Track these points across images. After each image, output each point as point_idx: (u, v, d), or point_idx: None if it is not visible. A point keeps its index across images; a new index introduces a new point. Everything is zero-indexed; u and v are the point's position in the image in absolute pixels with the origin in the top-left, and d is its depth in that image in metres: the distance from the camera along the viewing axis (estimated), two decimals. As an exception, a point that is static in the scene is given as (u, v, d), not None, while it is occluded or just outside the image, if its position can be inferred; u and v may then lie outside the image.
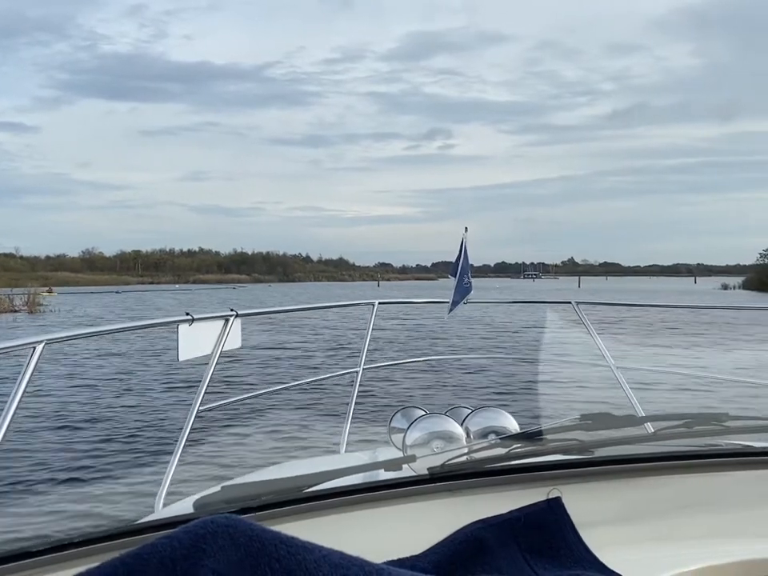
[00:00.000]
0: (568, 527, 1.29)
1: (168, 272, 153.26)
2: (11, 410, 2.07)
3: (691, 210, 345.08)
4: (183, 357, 2.91)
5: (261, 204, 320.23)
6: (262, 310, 4.17)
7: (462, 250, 4.66)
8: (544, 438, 1.54)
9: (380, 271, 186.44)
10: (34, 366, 2.16)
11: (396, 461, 1.42)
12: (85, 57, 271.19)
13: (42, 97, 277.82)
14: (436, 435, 1.72)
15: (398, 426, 2.05)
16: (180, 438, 2.98)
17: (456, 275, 4.55)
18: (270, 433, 9.32)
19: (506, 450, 1.47)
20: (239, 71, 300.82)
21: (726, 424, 1.54)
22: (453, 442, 1.69)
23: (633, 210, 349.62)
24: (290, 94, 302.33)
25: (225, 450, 8.31)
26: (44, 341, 2.19)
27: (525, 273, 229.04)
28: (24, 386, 2.12)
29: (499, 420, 1.87)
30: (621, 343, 14.07)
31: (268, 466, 2.99)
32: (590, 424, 1.51)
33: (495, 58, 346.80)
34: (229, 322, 3.09)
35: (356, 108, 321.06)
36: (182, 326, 2.87)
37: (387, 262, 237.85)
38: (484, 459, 1.44)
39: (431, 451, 1.63)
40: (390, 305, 5.18)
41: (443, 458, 1.40)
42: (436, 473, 1.37)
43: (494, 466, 1.43)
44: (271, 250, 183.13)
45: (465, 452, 1.48)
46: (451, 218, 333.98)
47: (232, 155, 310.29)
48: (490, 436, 1.77)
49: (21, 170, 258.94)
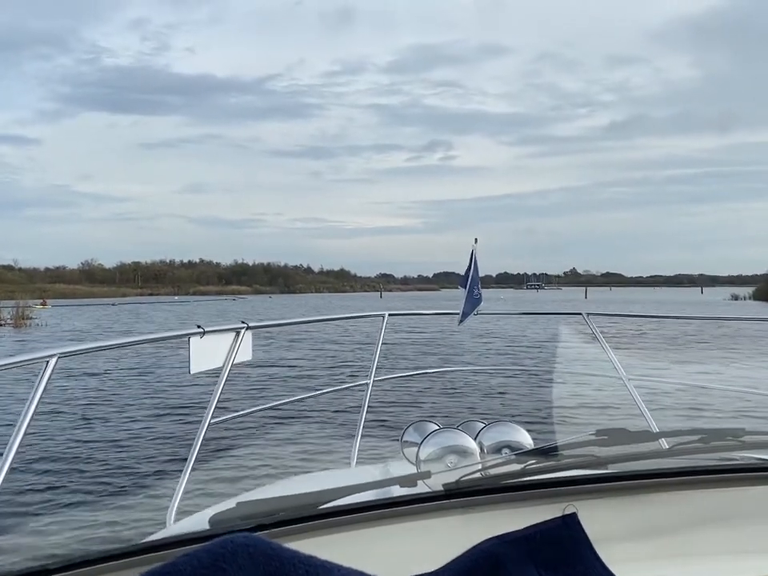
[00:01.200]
0: (584, 543, 1.26)
1: (168, 284, 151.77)
2: (25, 424, 2.04)
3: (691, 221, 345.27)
4: (195, 369, 2.90)
5: (262, 216, 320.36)
6: (273, 322, 4.12)
7: (471, 261, 4.59)
8: (559, 453, 1.51)
9: (382, 282, 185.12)
10: (48, 379, 2.15)
11: (411, 477, 1.41)
12: (87, 70, 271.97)
13: (43, 110, 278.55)
14: (450, 450, 1.74)
15: (410, 439, 2.10)
16: (191, 452, 2.96)
17: (466, 287, 4.50)
18: (280, 446, 9.33)
19: (521, 466, 1.45)
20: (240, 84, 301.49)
21: (742, 439, 1.53)
22: (467, 457, 1.72)
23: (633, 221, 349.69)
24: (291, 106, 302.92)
25: (235, 464, 8.28)
26: (57, 354, 2.18)
27: (528, 283, 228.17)
28: (38, 400, 2.10)
29: (513, 434, 1.85)
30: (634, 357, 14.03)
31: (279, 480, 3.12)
32: (605, 440, 1.50)
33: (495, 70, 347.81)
34: (240, 334, 3.09)
35: (357, 120, 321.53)
36: (193, 339, 2.86)
37: (389, 273, 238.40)
38: (499, 475, 1.44)
39: (445, 466, 1.70)
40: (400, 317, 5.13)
41: (458, 474, 1.40)
42: (451, 489, 1.37)
43: (510, 482, 1.42)
44: (272, 261, 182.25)
45: (480, 468, 1.47)
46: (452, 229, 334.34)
47: (233, 167, 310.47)
48: (504, 451, 1.80)
49: (22, 183, 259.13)
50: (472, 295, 4.54)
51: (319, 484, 1.77)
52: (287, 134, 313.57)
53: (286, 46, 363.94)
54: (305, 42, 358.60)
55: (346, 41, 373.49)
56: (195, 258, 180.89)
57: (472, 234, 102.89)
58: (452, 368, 14.03)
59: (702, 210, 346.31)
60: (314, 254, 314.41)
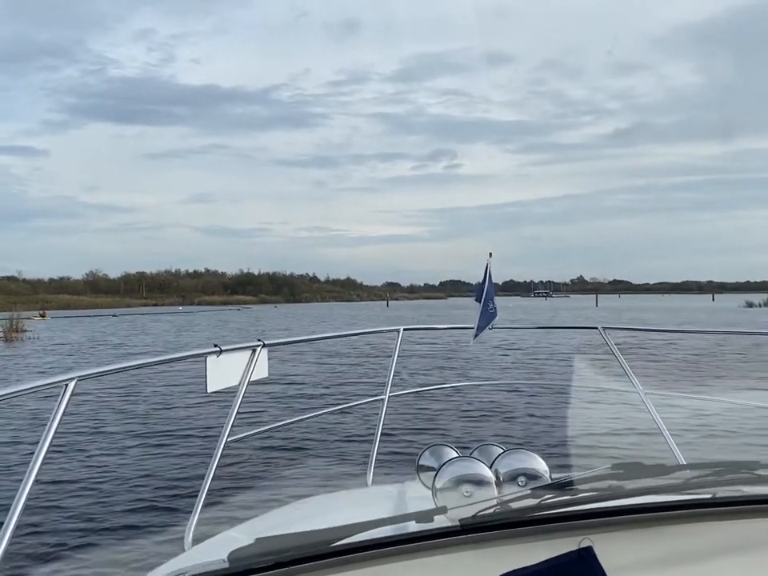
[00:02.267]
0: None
1: (173, 293, 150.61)
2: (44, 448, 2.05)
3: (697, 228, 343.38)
4: (212, 388, 2.92)
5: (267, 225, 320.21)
6: (289, 339, 3.95)
7: (486, 275, 4.53)
8: (575, 487, 1.52)
9: (388, 291, 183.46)
10: (66, 403, 2.15)
11: (427, 513, 1.40)
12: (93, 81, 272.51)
13: (50, 120, 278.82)
14: (465, 479, 1.74)
15: (426, 464, 2.14)
16: (208, 470, 2.97)
17: (481, 301, 4.47)
18: (296, 463, 9.27)
19: (537, 500, 1.44)
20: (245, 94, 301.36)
21: (758, 472, 1.54)
22: (482, 486, 1.72)
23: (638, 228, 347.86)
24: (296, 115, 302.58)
25: (252, 482, 8.27)
26: (75, 378, 2.19)
27: (535, 291, 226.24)
28: (57, 424, 2.11)
29: (529, 462, 1.84)
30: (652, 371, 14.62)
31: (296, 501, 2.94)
32: (621, 473, 1.51)
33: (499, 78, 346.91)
34: (256, 352, 3.11)
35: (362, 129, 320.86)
36: (209, 358, 2.89)
37: (395, 282, 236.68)
38: (515, 510, 1.43)
39: (461, 496, 1.71)
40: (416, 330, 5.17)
41: (475, 509, 1.41)
42: (468, 524, 1.38)
43: (525, 516, 1.42)
44: (278, 271, 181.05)
45: (496, 501, 1.48)
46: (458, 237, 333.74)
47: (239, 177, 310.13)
48: (520, 479, 1.78)
49: (29, 194, 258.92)
50: (487, 309, 4.48)
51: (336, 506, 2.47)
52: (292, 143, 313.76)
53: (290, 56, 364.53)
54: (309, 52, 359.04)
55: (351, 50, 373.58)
56: (201, 268, 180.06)
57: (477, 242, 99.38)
58: (467, 383, 14.22)
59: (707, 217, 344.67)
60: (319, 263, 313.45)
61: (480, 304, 4.49)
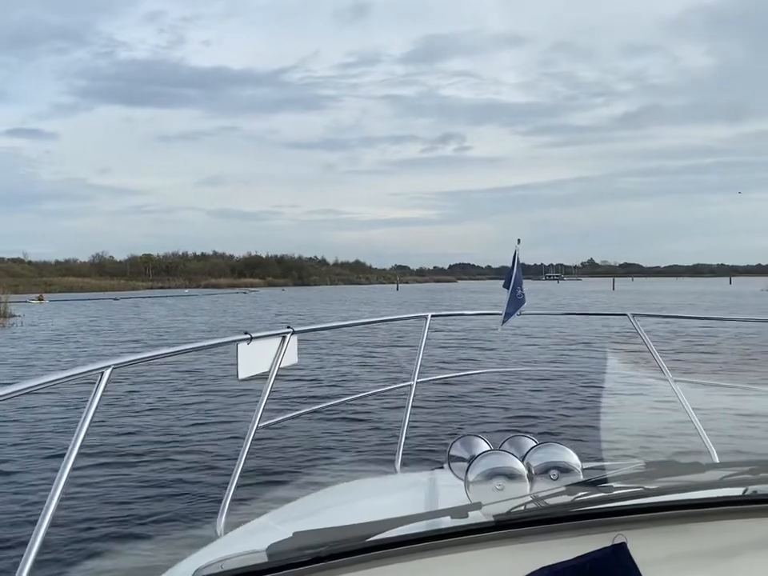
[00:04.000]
0: (634, 573, 1.27)
1: (179, 276, 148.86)
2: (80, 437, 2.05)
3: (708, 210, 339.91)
4: (243, 375, 2.94)
5: (278, 208, 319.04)
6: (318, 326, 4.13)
7: (514, 261, 4.51)
8: (609, 484, 1.51)
9: (397, 274, 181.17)
10: (102, 391, 2.15)
11: (462, 508, 1.41)
12: (103, 64, 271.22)
13: (60, 103, 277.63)
14: (498, 472, 1.73)
15: (457, 454, 2.12)
16: (240, 457, 2.97)
17: (509, 287, 4.46)
18: (325, 448, 9.39)
19: (571, 496, 1.45)
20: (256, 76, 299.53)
21: None
22: (514, 479, 1.72)
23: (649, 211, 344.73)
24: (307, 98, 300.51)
25: (282, 467, 8.39)
26: (111, 366, 2.19)
27: (547, 274, 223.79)
28: (93, 412, 2.10)
29: (561, 456, 1.83)
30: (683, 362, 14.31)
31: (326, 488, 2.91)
32: (655, 471, 1.52)
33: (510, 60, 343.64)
34: (286, 339, 3.13)
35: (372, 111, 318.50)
36: (240, 345, 2.91)
37: (404, 265, 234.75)
38: (550, 506, 1.44)
39: (493, 488, 1.69)
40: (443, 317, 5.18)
41: (509, 505, 1.41)
42: (502, 520, 1.38)
43: (560, 512, 1.42)
44: (286, 253, 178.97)
45: (530, 497, 1.48)
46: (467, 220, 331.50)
47: (249, 159, 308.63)
48: (552, 472, 1.77)
49: (40, 176, 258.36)
50: (515, 295, 4.47)
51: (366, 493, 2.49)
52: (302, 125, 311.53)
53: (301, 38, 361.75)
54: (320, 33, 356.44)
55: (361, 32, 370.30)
56: (209, 251, 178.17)
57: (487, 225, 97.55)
58: (495, 370, 13.86)
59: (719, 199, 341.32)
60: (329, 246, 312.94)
61: (508, 290, 4.45)
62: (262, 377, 3.06)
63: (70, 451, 2.03)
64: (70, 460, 2.02)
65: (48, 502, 1.93)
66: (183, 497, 7.67)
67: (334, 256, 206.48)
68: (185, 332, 31.42)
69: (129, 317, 44.29)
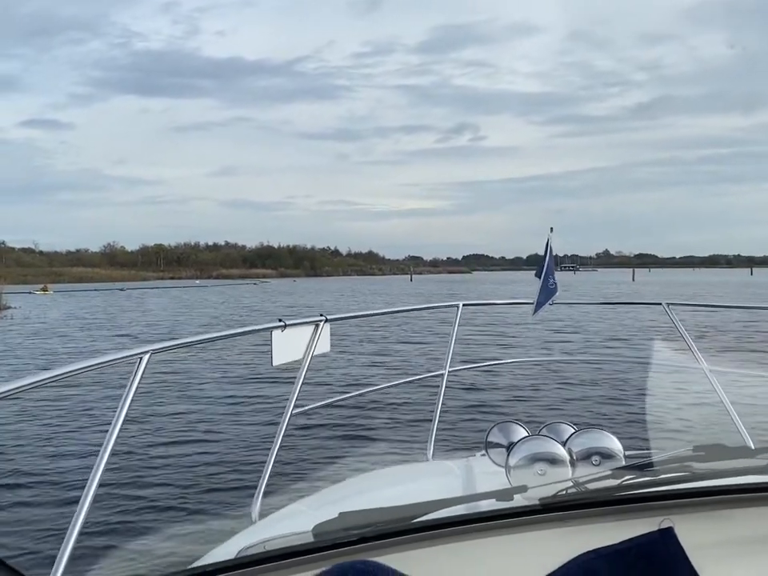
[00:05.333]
0: (681, 558, 1.23)
1: (191, 267, 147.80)
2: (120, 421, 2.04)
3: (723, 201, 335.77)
4: (277, 362, 2.97)
5: (291, 198, 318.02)
6: (351, 314, 4.03)
7: (547, 250, 4.53)
8: (655, 468, 1.51)
9: (411, 264, 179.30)
10: (141, 376, 2.15)
11: (507, 491, 1.42)
12: (118, 54, 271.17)
13: (76, 94, 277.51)
14: (539, 457, 1.73)
15: (495, 441, 2.14)
16: (274, 443, 2.99)
17: (541, 276, 4.46)
18: (357, 436, 9.43)
19: (618, 480, 1.45)
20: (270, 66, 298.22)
21: None
22: (556, 465, 1.72)
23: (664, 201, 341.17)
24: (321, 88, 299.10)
25: (314, 455, 8.37)
26: (149, 351, 2.19)
27: (562, 265, 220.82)
28: (131, 397, 2.10)
29: (603, 441, 1.82)
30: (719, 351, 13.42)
31: (360, 474, 2.95)
32: (703, 455, 1.50)
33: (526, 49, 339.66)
34: (319, 327, 3.16)
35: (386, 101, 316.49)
36: (275, 333, 2.94)
37: (417, 256, 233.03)
38: (596, 490, 1.44)
39: (534, 473, 1.71)
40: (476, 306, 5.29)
41: (554, 489, 1.41)
42: (548, 503, 1.38)
43: (606, 496, 1.43)
44: (299, 244, 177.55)
45: (576, 482, 1.48)
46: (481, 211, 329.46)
47: (263, 150, 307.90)
48: (594, 458, 1.77)
49: (55, 167, 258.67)
50: (547, 285, 4.45)
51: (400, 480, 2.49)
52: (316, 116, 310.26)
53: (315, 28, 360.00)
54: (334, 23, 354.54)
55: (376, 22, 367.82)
56: (221, 241, 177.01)
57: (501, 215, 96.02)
58: (527, 359, 13.89)
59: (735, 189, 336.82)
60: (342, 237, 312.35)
61: (540, 279, 4.43)
62: (296, 364, 3.07)
63: (109, 435, 2.01)
64: (109, 444, 1.99)
65: (89, 482, 1.90)
66: (218, 483, 7.67)
67: (347, 246, 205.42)
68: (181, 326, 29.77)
69: (128, 309, 42.81)
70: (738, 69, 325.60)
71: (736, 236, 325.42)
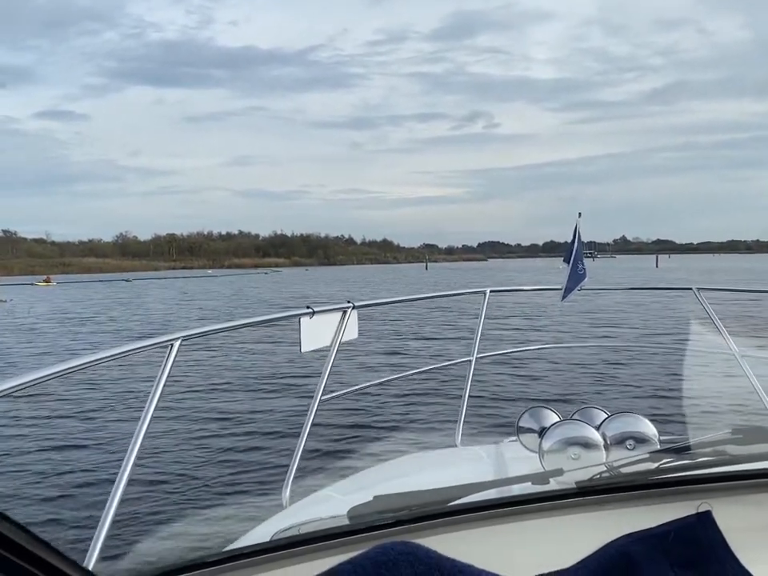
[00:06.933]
0: (719, 542, 1.24)
1: (203, 256, 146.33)
2: (152, 406, 2.02)
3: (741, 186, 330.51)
4: (305, 348, 2.95)
5: (305, 187, 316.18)
6: (379, 301, 3.87)
7: (575, 236, 4.44)
8: (693, 451, 1.48)
9: (426, 252, 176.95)
10: (172, 362, 2.14)
11: (543, 474, 1.42)
12: (133, 45, 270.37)
13: (91, 85, 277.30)
14: (573, 441, 1.70)
15: (527, 426, 2.09)
16: (303, 429, 2.95)
17: (570, 262, 4.37)
18: (385, 422, 9.48)
19: (655, 464, 1.43)
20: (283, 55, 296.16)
21: None
22: (590, 449, 1.69)
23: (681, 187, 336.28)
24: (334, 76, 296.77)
25: (343, 441, 8.42)
26: (180, 337, 2.18)
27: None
28: (163, 383, 2.09)
29: (637, 425, 1.76)
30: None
31: (390, 460, 2.94)
32: (741, 438, 1.46)
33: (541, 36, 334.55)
34: (346, 313, 3.15)
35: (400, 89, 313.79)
36: (303, 319, 2.91)
37: (432, 244, 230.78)
38: (633, 473, 1.42)
39: (568, 457, 1.68)
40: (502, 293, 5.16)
41: (590, 473, 1.41)
42: (585, 487, 1.38)
43: (643, 479, 1.41)
44: (313, 233, 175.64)
45: (611, 466, 1.46)
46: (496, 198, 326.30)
47: (277, 139, 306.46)
48: (628, 442, 1.73)
49: (71, 158, 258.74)
50: (576, 270, 4.34)
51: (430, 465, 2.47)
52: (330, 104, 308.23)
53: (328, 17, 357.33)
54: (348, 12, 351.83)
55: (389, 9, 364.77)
56: (235, 231, 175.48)
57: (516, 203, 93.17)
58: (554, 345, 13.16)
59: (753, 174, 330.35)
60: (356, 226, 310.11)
61: (569, 265, 4.36)
62: (324, 350, 3.01)
63: (143, 420, 1.99)
64: (142, 429, 1.97)
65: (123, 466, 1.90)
66: (248, 468, 7.66)
67: (362, 235, 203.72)
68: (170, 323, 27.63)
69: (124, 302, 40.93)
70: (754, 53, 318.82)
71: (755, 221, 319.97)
